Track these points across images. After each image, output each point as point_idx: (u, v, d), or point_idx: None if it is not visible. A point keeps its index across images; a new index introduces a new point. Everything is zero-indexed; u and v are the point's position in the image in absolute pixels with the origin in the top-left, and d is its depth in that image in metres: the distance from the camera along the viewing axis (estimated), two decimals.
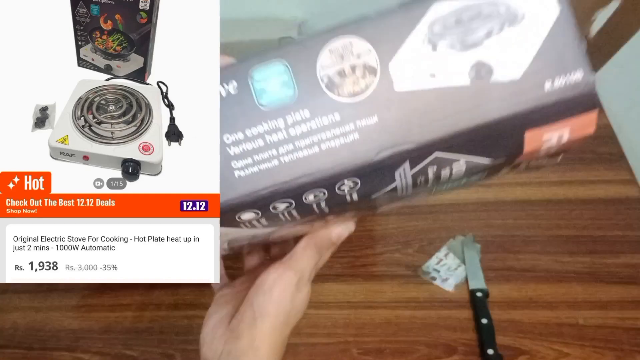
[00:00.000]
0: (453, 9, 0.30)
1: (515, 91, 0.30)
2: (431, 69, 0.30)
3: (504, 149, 0.33)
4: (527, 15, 0.30)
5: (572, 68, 0.30)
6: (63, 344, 0.61)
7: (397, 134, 0.31)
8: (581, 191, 0.74)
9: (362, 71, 0.31)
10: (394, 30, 0.31)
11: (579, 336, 0.60)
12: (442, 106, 0.30)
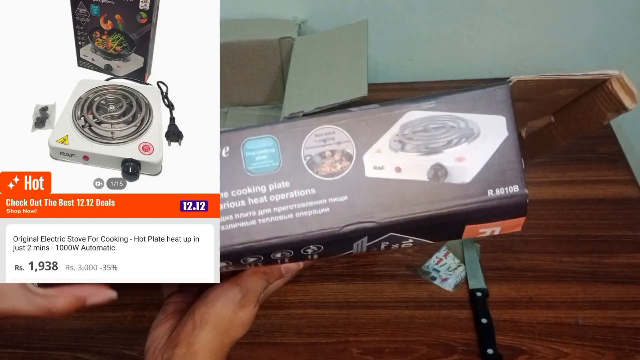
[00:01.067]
0: (423, 118, 0.37)
1: (463, 193, 0.36)
2: (398, 164, 0.37)
3: (445, 235, 0.40)
4: (482, 133, 0.37)
5: (511, 182, 0.37)
6: (63, 344, 0.61)
7: (362, 213, 0.37)
8: (581, 191, 0.74)
9: (340, 156, 0.37)
10: (372, 128, 0.37)
11: (579, 336, 0.60)
12: (403, 196, 0.37)
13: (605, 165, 0.77)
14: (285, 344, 0.62)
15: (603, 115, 0.42)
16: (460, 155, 0.37)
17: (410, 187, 0.37)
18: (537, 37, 0.90)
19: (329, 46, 0.81)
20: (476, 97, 0.37)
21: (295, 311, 0.65)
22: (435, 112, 0.37)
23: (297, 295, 0.63)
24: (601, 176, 0.76)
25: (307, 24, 0.90)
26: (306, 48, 0.81)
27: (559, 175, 0.76)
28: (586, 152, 0.79)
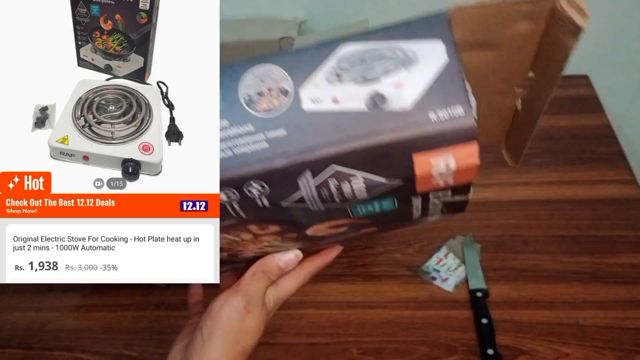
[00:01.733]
0: (359, 50, 0.37)
1: (404, 120, 0.35)
2: (335, 95, 0.36)
3: (395, 170, 0.37)
4: (420, 60, 0.36)
5: (453, 103, 0.35)
6: (63, 344, 0.61)
7: (300, 146, 0.36)
8: (581, 191, 0.74)
9: (277, 93, 0.37)
10: (308, 63, 0.37)
11: (579, 336, 0.60)
12: (342, 127, 0.36)
13: (605, 165, 0.77)
14: (285, 344, 0.62)
15: (564, 45, 0.41)
16: (398, 82, 0.36)
17: (349, 118, 0.36)
18: None
19: None
20: (412, 26, 0.38)
21: (295, 311, 0.65)
22: (371, 42, 0.37)
23: (297, 295, 0.63)
24: (601, 176, 0.76)
25: (307, 23, 0.90)
26: None
27: (559, 175, 0.76)
28: (586, 152, 0.79)
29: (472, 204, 0.73)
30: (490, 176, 0.76)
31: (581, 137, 0.81)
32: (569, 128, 0.83)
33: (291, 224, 0.42)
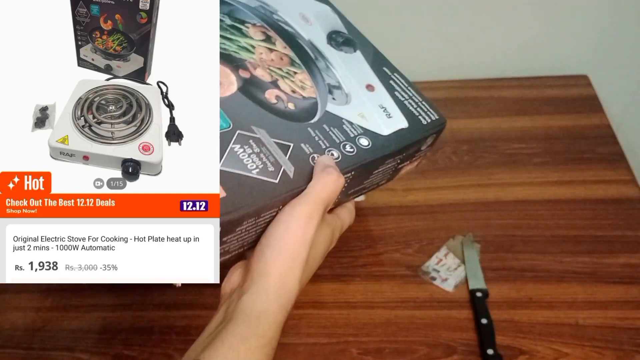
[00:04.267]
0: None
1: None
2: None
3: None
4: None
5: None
6: (63, 344, 0.61)
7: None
8: (581, 191, 0.74)
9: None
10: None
11: (579, 336, 0.60)
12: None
13: (605, 165, 0.77)
14: (285, 344, 0.62)
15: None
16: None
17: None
18: (537, 37, 0.90)
19: None
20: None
21: (295, 311, 0.64)
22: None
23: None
24: (601, 176, 0.76)
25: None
26: None
27: (559, 175, 0.76)
28: (586, 152, 0.79)
29: (472, 204, 0.73)
30: (490, 176, 0.76)
31: (581, 137, 0.81)
32: (568, 128, 0.83)
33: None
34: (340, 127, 0.46)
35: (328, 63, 0.50)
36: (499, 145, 0.81)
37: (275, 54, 0.49)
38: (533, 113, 0.85)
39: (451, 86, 0.90)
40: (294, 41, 0.51)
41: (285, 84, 0.48)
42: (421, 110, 0.51)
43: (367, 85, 0.50)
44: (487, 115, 0.85)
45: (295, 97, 0.47)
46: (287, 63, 0.49)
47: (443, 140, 0.81)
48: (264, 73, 0.48)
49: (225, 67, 0.47)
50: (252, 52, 0.49)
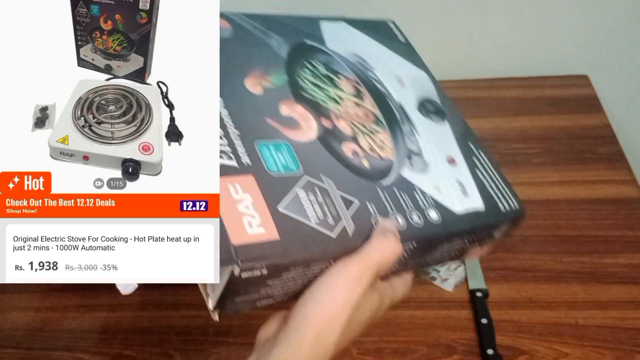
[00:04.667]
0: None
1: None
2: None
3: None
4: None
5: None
6: (63, 344, 0.61)
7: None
8: (581, 191, 0.74)
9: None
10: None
11: (579, 336, 0.60)
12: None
13: (605, 165, 0.77)
14: None
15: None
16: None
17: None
18: (537, 37, 0.90)
19: None
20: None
21: None
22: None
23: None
24: (601, 176, 0.76)
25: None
26: None
27: (559, 175, 0.76)
28: (586, 152, 0.79)
29: None
30: None
31: (581, 137, 0.81)
32: (568, 128, 0.83)
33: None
34: (411, 195, 0.44)
35: (413, 128, 0.49)
36: (499, 145, 0.81)
37: (361, 109, 0.48)
38: (533, 113, 0.85)
39: (451, 86, 0.90)
40: (383, 100, 0.50)
41: (365, 140, 0.47)
42: (501, 195, 0.48)
43: (449, 158, 0.48)
44: (487, 115, 0.85)
45: (372, 156, 0.46)
46: (372, 120, 0.48)
47: None
48: (346, 126, 0.47)
49: (308, 112, 0.46)
50: (340, 103, 0.48)
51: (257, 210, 0.38)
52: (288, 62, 0.49)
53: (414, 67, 0.54)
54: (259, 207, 0.39)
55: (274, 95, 0.46)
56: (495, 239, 0.48)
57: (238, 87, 0.46)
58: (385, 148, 0.46)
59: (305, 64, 0.49)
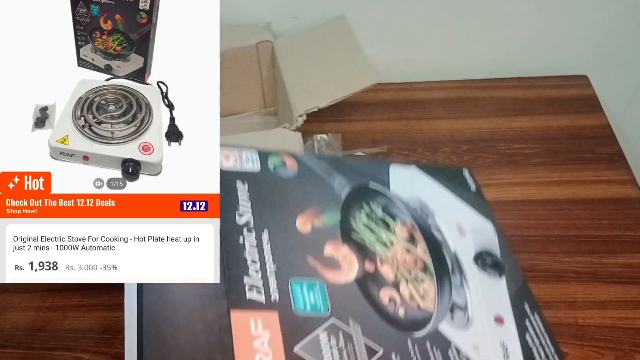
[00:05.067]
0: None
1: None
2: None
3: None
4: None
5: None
6: (63, 343, 0.61)
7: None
8: (581, 191, 0.74)
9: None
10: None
11: (578, 336, 0.60)
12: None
13: (605, 165, 0.77)
14: None
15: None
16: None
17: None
18: (537, 37, 0.90)
19: (315, 43, 0.80)
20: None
21: None
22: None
23: None
24: (601, 176, 0.76)
25: (271, 26, 0.88)
26: (291, 48, 0.81)
27: (559, 175, 0.76)
28: (586, 152, 0.79)
29: None
30: (490, 176, 0.76)
31: (580, 137, 0.81)
32: (568, 128, 0.83)
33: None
34: (445, 352, 0.41)
35: (464, 280, 0.46)
36: (498, 145, 0.81)
37: (411, 256, 0.47)
38: (533, 113, 0.85)
39: (451, 86, 0.90)
40: (437, 248, 0.47)
41: (407, 288, 0.45)
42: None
43: (497, 317, 0.45)
44: (487, 115, 0.85)
45: (410, 305, 0.43)
46: (420, 268, 0.46)
47: (443, 140, 0.81)
48: (390, 271, 0.45)
49: (353, 253, 0.45)
50: (389, 247, 0.47)
51: (272, 348, 0.37)
52: (345, 202, 0.48)
53: (479, 217, 0.52)
54: (275, 345, 0.37)
55: (322, 234, 0.45)
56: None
57: (289, 225, 0.45)
58: (427, 298, 0.44)
59: (362, 206, 0.48)
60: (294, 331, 0.38)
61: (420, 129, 0.83)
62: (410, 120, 0.84)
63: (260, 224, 0.44)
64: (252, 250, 0.42)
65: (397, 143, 0.80)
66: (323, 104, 0.69)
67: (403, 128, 0.83)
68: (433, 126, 0.83)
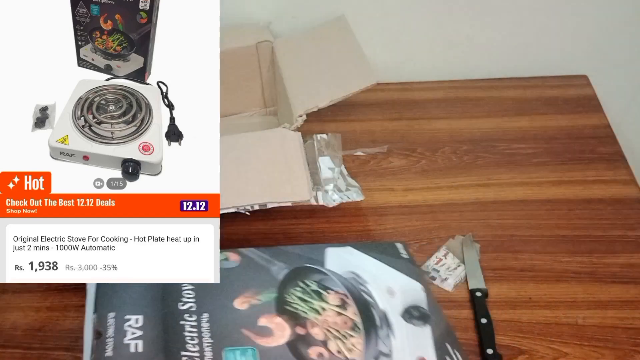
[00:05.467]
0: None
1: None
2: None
3: None
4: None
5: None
6: (63, 344, 0.61)
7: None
8: (581, 191, 0.74)
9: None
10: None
11: (578, 336, 0.60)
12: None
13: (605, 165, 0.77)
14: None
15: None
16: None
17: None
18: (537, 37, 0.90)
19: (315, 43, 0.80)
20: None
21: None
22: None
23: None
24: (601, 176, 0.76)
25: (271, 26, 0.88)
26: (291, 48, 0.81)
27: (559, 175, 0.76)
28: (586, 152, 0.79)
29: (472, 204, 0.73)
30: (490, 176, 0.76)
31: (580, 137, 0.81)
32: (568, 128, 0.83)
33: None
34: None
35: (390, 332, 0.51)
36: (498, 145, 0.81)
37: (341, 318, 0.51)
38: (533, 113, 0.85)
39: (451, 86, 0.90)
40: (367, 309, 0.52)
41: (335, 344, 0.49)
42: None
43: (419, 358, 0.50)
44: (487, 115, 0.85)
45: (338, 357, 0.48)
46: (349, 327, 0.51)
47: (443, 140, 0.81)
48: (320, 332, 0.50)
49: (285, 322, 0.50)
50: (320, 313, 0.52)
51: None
52: (282, 282, 0.53)
53: (408, 279, 0.57)
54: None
55: (258, 309, 0.50)
56: None
57: (226, 305, 0.50)
58: (354, 350, 0.49)
59: (297, 283, 0.54)
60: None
61: (420, 129, 0.83)
62: (410, 120, 0.84)
63: (201, 308, 0.49)
64: (191, 329, 0.47)
65: (397, 143, 0.80)
66: (323, 104, 0.69)
67: (403, 128, 0.83)
68: (433, 126, 0.83)
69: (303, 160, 0.65)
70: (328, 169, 0.69)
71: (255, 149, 0.65)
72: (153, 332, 0.46)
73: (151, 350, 0.45)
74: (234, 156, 0.63)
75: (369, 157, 0.79)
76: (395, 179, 0.76)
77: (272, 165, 0.64)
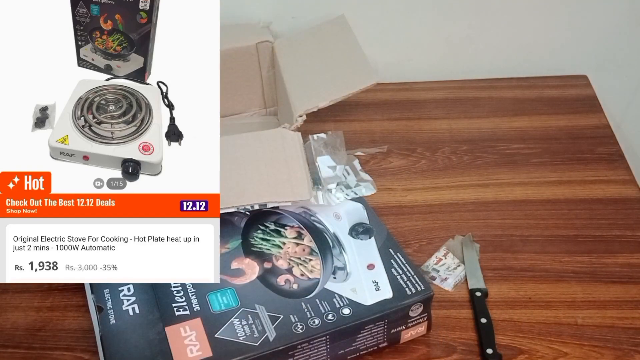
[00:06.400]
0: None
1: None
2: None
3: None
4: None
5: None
6: (63, 343, 0.61)
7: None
8: (580, 191, 0.74)
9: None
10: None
11: (578, 335, 0.60)
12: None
13: (604, 165, 0.77)
14: None
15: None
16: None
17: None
18: (537, 37, 0.90)
19: (315, 43, 0.80)
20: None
21: None
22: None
23: None
24: (600, 176, 0.76)
25: (271, 26, 0.88)
26: (291, 49, 0.80)
27: (559, 175, 0.76)
28: (585, 152, 0.79)
29: (471, 204, 0.74)
30: (489, 176, 0.76)
31: (580, 137, 0.81)
32: (567, 128, 0.83)
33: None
34: (331, 301, 0.54)
35: (342, 249, 0.60)
36: (498, 145, 0.81)
37: (300, 247, 0.60)
38: (532, 113, 0.85)
39: (451, 86, 0.90)
40: (320, 235, 0.61)
41: (298, 269, 0.58)
42: (409, 283, 0.56)
43: (369, 265, 0.58)
44: (486, 115, 0.86)
45: (302, 279, 0.57)
46: (307, 253, 0.59)
47: (442, 140, 0.81)
48: (284, 262, 0.58)
49: (253, 261, 0.58)
50: (282, 247, 0.60)
51: (199, 340, 0.50)
52: (244, 229, 0.61)
53: (352, 202, 0.66)
54: (201, 338, 0.51)
55: (229, 256, 0.58)
56: (420, 317, 0.57)
57: None
58: (314, 271, 0.58)
59: (258, 227, 0.62)
60: (214, 325, 0.52)
61: (420, 129, 0.83)
62: (410, 120, 0.84)
63: None
64: (176, 284, 0.55)
65: (397, 143, 0.80)
66: (323, 104, 0.69)
67: (403, 128, 0.83)
68: (433, 126, 0.83)
69: (303, 160, 0.65)
70: (328, 167, 0.69)
71: (255, 149, 0.66)
72: (144, 295, 0.54)
73: (146, 309, 0.53)
74: (234, 156, 0.63)
75: (369, 157, 0.79)
76: (395, 179, 0.76)
77: (272, 165, 0.64)
